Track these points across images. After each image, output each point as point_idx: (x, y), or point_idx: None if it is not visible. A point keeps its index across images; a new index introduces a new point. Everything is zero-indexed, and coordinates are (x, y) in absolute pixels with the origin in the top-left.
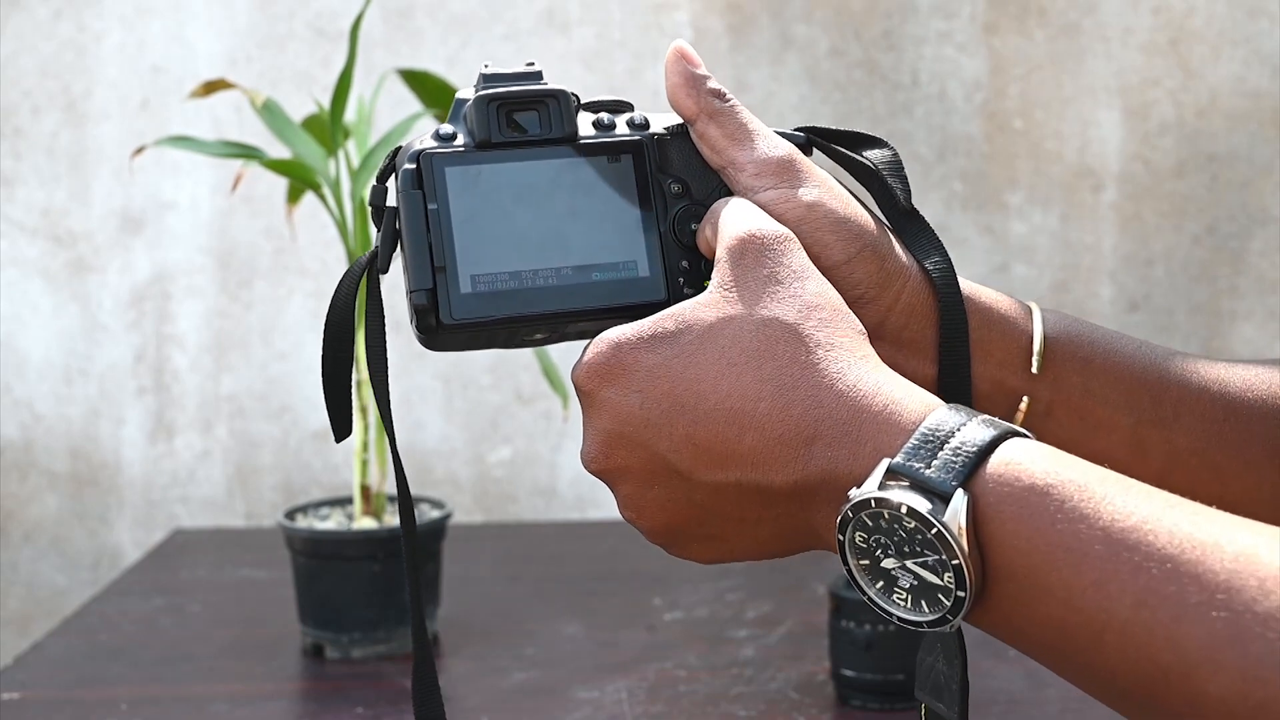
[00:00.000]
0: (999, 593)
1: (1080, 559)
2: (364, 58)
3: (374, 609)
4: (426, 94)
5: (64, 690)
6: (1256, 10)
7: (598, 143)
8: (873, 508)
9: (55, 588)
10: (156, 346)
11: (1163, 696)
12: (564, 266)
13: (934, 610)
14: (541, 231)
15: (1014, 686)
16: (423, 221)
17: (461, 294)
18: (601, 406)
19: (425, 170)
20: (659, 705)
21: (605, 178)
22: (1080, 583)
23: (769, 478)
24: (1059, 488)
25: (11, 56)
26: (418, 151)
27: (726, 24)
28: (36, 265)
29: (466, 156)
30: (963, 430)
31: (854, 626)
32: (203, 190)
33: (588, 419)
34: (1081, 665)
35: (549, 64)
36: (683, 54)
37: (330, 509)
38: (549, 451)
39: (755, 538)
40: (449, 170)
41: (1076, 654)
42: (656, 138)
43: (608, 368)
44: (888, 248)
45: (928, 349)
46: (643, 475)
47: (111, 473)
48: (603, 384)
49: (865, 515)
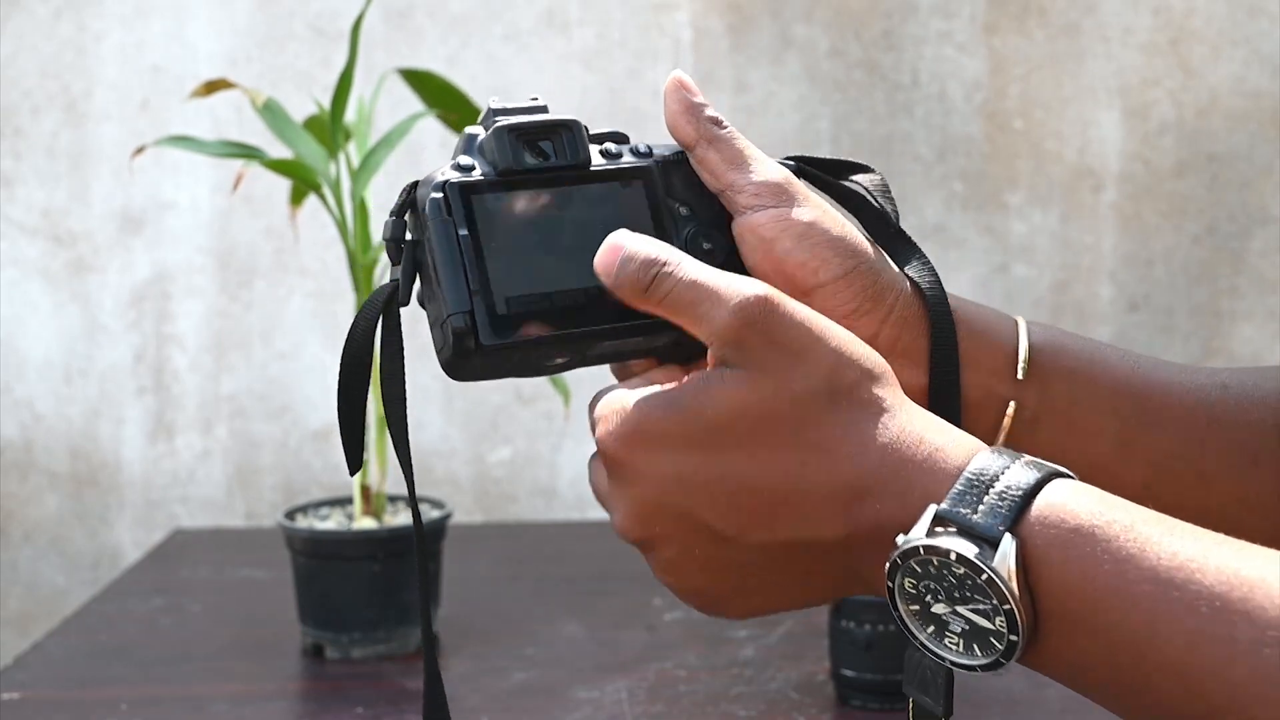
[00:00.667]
0: (1051, 634)
1: (1129, 601)
2: (364, 57)
3: (374, 609)
4: (428, 94)
5: (64, 690)
6: (1257, 10)
7: (610, 169)
8: (921, 555)
9: (55, 588)
10: (156, 346)
11: None
12: (590, 286)
13: (987, 654)
14: (566, 254)
15: (1014, 687)
16: (455, 247)
17: (498, 315)
18: (637, 475)
19: (453, 198)
20: (659, 705)
21: (620, 202)
22: (1130, 624)
23: (819, 533)
24: (1104, 528)
25: (11, 56)
26: (442, 181)
27: (726, 24)
28: (36, 265)
29: (490, 185)
30: (1007, 473)
31: (854, 626)
32: (203, 190)
33: (622, 489)
34: (1135, 705)
35: (548, 64)
36: (681, 83)
37: (330, 509)
38: (549, 451)
39: (801, 589)
40: (475, 198)
41: (1129, 694)
42: (661, 163)
43: (640, 433)
44: (881, 264)
45: (919, 359)
46: (684, 541)
47: (111, 473)
48: (636, 451)
49: (914, 562)
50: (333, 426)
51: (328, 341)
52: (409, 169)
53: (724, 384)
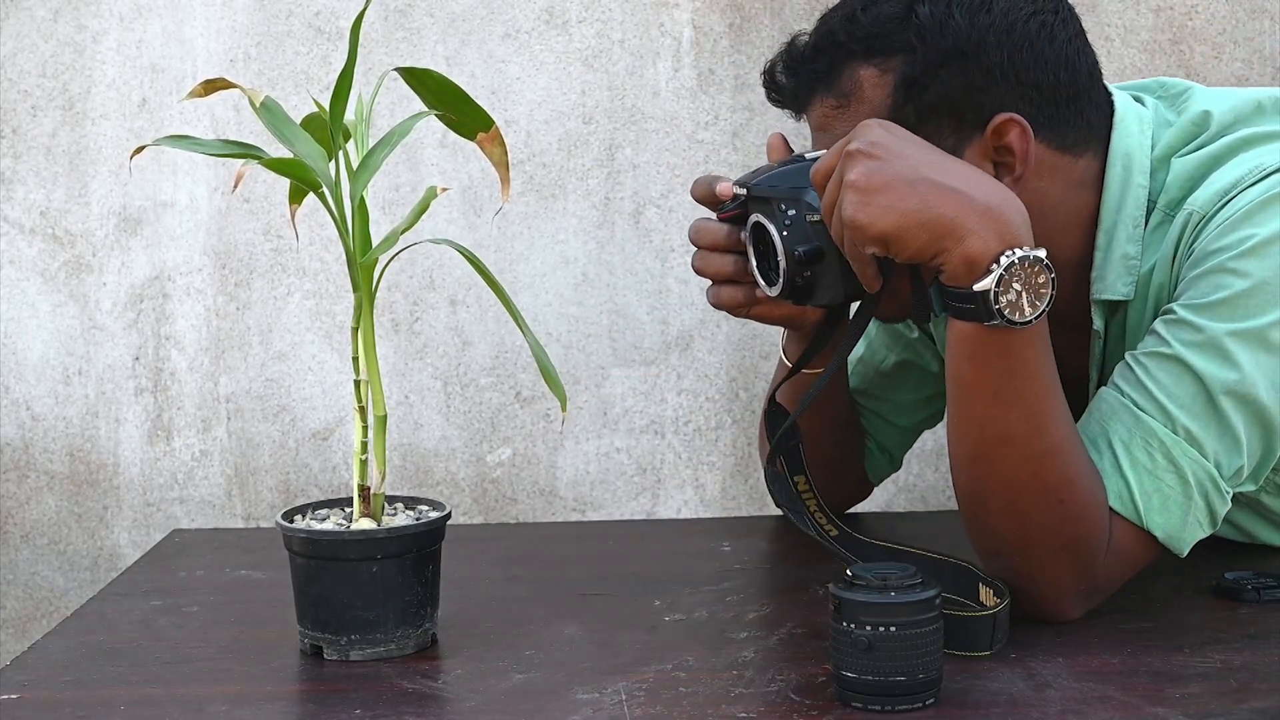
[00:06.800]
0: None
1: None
2: (362, 57)
3: (373, 610)
4: (428, 93)
5: (62, 691)
6: (1257, 10)
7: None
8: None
9: (54, 588)
10: (155, 347)
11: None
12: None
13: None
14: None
15: (1014, 687)
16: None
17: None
18: (877, 133)
19: None
20: (659, 707)
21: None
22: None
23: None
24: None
25: (10, 56)
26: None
27: (727, 23)
28: (35, 265)
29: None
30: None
31: (854, 628)
32: (201, 190)
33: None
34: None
35: (548, 62)
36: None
37: (329, 510)
38: (549, 452)
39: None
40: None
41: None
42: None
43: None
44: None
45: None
46: (888, 152)
47: (110, 473)
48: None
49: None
50: (332, 427)
51: (327, 342)
52: (408, 169)
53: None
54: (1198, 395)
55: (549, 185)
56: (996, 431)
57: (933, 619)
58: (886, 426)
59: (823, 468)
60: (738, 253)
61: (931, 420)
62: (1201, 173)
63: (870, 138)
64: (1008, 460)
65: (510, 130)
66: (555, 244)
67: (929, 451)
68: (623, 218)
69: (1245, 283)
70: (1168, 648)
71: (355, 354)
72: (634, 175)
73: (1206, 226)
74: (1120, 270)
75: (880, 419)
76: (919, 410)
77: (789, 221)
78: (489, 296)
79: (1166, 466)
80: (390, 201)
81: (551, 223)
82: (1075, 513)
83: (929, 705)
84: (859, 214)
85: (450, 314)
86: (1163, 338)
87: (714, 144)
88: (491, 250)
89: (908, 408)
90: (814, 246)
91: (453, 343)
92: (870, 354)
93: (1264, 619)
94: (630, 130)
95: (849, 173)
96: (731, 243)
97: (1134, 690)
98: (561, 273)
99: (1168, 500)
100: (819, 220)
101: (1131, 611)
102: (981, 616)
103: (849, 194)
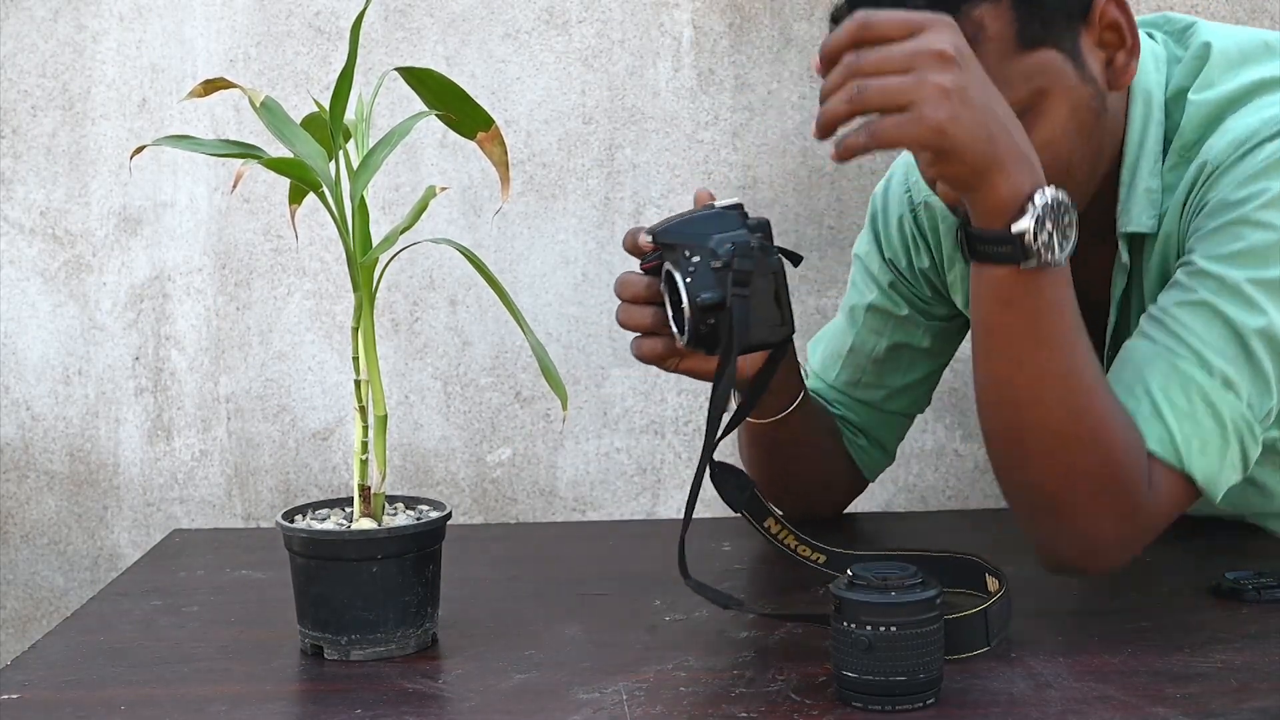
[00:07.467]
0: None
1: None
2: (362, 57)
3: (373, 610)
4: (428, 92)
5: (62, 691)
6: (1257, 10)
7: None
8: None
9: (54, 588)
10: (155, 347)
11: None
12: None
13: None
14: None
15: (1014, 687)
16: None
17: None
18: (960, 41)
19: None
20: (659, 706)
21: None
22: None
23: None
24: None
25: (10, 56)
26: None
27: (727, 23)
28: (35, 265)
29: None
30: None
31: (855, 628)
32: (201, 190)
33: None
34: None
35: (548, 62)
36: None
37: (329, 510)
38: (549, 452)
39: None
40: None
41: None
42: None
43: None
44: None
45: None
46: (968, 65)
47: (110, 473)
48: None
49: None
50: (332, 427)
51: (327, 341)
52: (408, 169)
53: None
54: (1231, 339)
55: (549, 185)
56: (1033, 373)
57: (933, 619)
58: (878, 415)
59: (811, 482)
60: (658, 304)
61: (919, 404)
62: (1216, 114)
63: (956, 42)
64: (1045, 403)
65: (510, 130)
66: (555, 244)
67: (929, 451)
68: (623, 218)
69: (1267, 234)
70: (1168, 647)
71: (355, 354)
72: (634, 175)
73: (1224, 178)
74: (1144, 204)
75: (871, 409)
76: (909, 393)
77: (693, 269)
78: (489, 296)
79: (1205, 410)
80: (390, 201)
81: (551, 223)
82: (1115, 455)
83: (929, 705)
84: (938, 113)
85: (450, 314)
86: (1188, 287)
87: (714, 144)
88: (491, 250)
89: (900, 392)
90: (716, 295)
91: (453, 342)
92: (860, 343)
93: (1264, 619)
94: (630, 130)
95: (936, 74)
96: (651, 294)
97: (1134, 690)
98: (561, 273)
99: (1206, 444)
100: (723, 266)
101: (1131, 611)
102: (974, 615)
103: (933, 92)
